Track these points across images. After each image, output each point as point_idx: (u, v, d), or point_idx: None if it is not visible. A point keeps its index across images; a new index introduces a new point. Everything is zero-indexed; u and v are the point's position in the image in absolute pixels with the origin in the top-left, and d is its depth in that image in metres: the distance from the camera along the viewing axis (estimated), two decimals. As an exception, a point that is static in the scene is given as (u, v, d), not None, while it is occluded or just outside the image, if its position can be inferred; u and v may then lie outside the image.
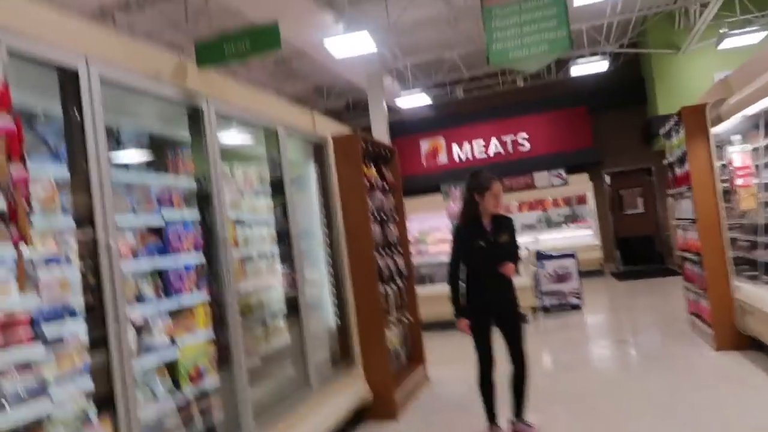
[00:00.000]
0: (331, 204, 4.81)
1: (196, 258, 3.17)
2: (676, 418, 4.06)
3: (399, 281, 5.46)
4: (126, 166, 2.96)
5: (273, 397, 3.62)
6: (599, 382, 5.22)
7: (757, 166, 5.62)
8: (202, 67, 3.50)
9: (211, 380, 3.10)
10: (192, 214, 3.25)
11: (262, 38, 3.58)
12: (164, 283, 2.95)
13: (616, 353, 6.31)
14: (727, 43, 10.57)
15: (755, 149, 5.66)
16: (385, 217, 5.47)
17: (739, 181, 5.68)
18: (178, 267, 3.03)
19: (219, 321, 3.19)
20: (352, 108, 15.93)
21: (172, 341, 2.88)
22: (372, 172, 5.44)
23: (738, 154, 5.72)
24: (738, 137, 5.86)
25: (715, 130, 5.80)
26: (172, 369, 2.85)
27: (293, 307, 4.01)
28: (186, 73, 3.24)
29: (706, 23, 10.42)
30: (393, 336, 5.24)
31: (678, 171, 6.57)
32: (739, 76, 5.45)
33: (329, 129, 5.03)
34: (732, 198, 5.77)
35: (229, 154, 3.83)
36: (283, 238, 4.09)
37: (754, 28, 10.32)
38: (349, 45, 8.74)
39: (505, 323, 4.02)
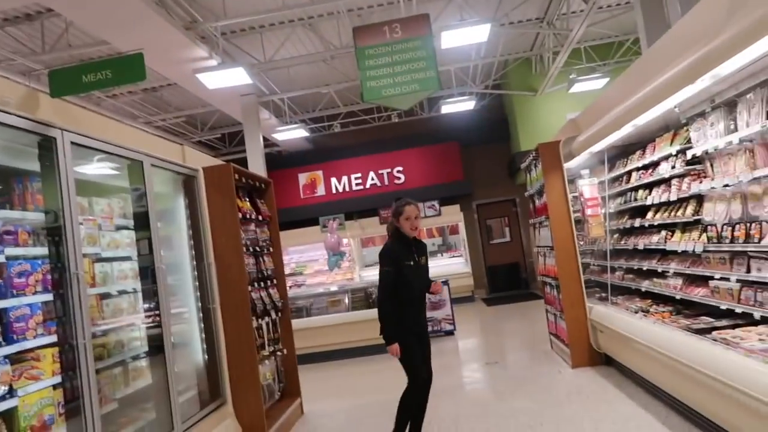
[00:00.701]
0: (202, 237, 4.64)
1: (43, 298, 2.91)
2: (539, 434, 4.32)
3: (274, 314, 5.36)
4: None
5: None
6: (472, 405, 5.42)
7: (603, 198, 6.25)
8: (57, 95, 3.29)
9: (58, 431, 2.83)
10: (40, 250, 2.99)
11: (125, 68, 3.46)
12: (3, 327, 2.66)
13: (487, 376, 6.60)
14: (577, 87, 11.75)
15: (601, 182, 6.30)
16: (259, 250, 5.37)
17: (588, 212, 6.25)
18: (20, 308, 2.75)
19: (70, 365, 2.93)
20: (228, 141, 15.61)
21: (10, 390, 2.60)
22: (246, 204, 5.35)
23: (587, 187, 6.31)
24: (587, 171, 6.47)
25: (567, 165, 6.36)
26: (9, 421, 2.56)
27: (157, 345, 3.78)
28: (38, 102, 3.02)
29: (558, 69, 11.53)
30: (266, 370, 5.11)
31: (538, 202, 7.11)
32: (586, 117, 6.07)
33: (200, 161, 4.90)
34: (583, 226, 6.33)
35: (88, 187, 3.61)
36: (148, 273, 3.88)
37: (597, 75, 11.59)
38: (223, 78, 8.59)
39: (423, 342, 4.16)
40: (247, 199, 5.46)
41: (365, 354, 8.41)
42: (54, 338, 2.92)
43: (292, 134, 13.06)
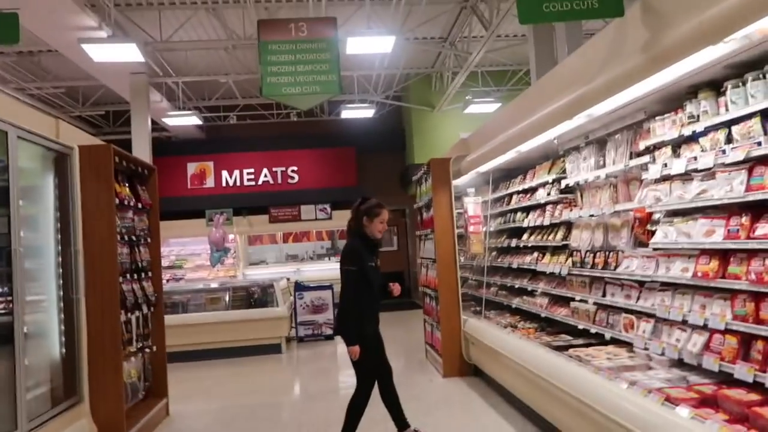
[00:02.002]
0: (71, 221, 4.30)
1: None
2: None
3: (145, 308, 5.08)
4: None
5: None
6: (343, 409, 5.44)
7: (485, 217, 6.57)
8: None
9: None
10: None
11: (-4, 26, 3.14)
12: None
13: (362, 382, 6.66)
14: (471, 109, 12.30)
15: (485, 202, 6.62)
16: (135, 239, 5.08)
17: (471, 228, 6.55)
18: None
19: None
20: (112, 119, 14.64)
21: None
22: (125, 189, 5.04)
23: (471, 205, 6.61)
24: (472, 190, 6.78)
25: (455, 182, 6.62)
26: None
27: (7, 335, 3.45)
28: None
29: (455, 89, 12.00)
30: (131, 368, 4.83)
31: (425, 215, 7.33)
32: (475, 138, 6.36)
33: (77, 138, 4.55)
34: (465, 242, 6.62)
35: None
36: (2, 255, 3.53)
37: (491, 99, 12.21)
38: (112, 52, 8.03)
39: (378, 339, 4.30)
40: (127, 185, 5.15)
41: (242, 355, 8.22)
42: None
43: (183, 120, 12.51)
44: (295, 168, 14.70)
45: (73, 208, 4.33)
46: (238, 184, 14.56)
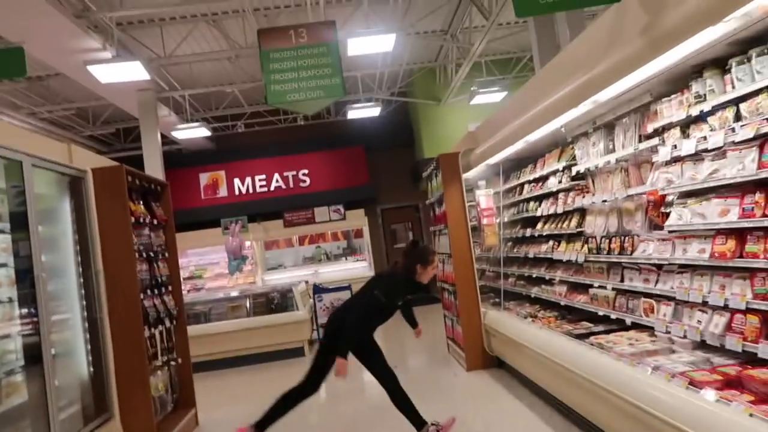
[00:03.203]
0: (90, 242, 4.38)
1: None
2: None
3: (168, 322, 5.15)
4: None
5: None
6: (370, 409, 5.49)
7: (498, 208, 6.56)
8: None
9: None
10: None
11: (2, 62, 3.19)
12: None
13: (386, 380, 6.69)
14: (478, 99, 12.23)
15: (496, 193, 6.61)
16: (153, 255, 5.15)
17: (484, 221, 6.54)
18: None
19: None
20: (123, 136, 14.80)
21: None
22: (139, 207, 5.11)
23: (483, 197, 6.60)
24: (483, 182, 6.76)
25: (466, 175, 6.61)
26: None
27: (36, 356, 3.53)
28: None
29: (460, 81, 11.96)
30: (158, 381, 4.90)
31: (438, 210, 7.34)
32: (483, 130, 6.34)
33: (89, 161, 4.62)
34: (479, 235, 6.61)
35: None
36: (26, 279, 3.61)
37: (496, 88, 12.13)
38: (118, 72, 8.11)
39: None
40: (141, 202, 5.22)
41: (266, 360, 8.29)
42: None
43: (192, 133, 12.60)
44: (306, 171, 14.76)
45: (91, 229, 4.41)
46: (250, 191, 14.66)
